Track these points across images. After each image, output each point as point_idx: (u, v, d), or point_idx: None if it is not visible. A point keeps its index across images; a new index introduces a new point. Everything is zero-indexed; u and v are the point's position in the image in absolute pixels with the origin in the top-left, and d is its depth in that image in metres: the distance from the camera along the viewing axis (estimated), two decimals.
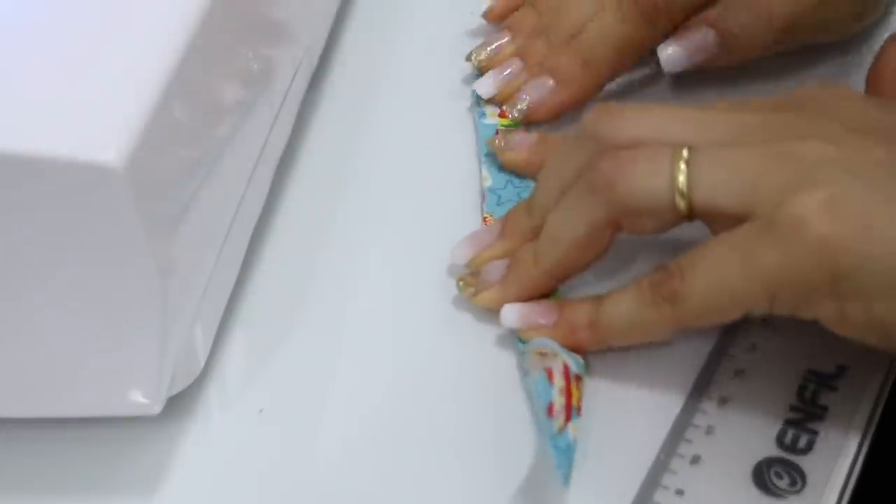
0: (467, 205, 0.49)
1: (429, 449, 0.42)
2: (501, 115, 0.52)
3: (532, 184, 0.48)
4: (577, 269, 0.43)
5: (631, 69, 0.51)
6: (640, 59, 0.51)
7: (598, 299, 0.43)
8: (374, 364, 0.45)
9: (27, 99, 0.37)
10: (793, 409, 0.42)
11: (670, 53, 0.50)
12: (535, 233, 0.44)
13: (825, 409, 0.42)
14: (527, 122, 0.51)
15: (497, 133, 0.50)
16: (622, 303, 0.42)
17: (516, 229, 0.45)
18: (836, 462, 0.41)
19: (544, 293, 0.44)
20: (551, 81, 0.50)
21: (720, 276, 0.39)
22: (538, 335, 0.43)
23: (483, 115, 0.52)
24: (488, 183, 0.49)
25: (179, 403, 0.43)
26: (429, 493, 0.41)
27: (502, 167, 0.50)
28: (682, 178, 0.40)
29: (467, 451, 0.42)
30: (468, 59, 0.53)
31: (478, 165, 0.51)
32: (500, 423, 0.42)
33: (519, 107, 0.51)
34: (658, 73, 0.51)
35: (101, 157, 0.35)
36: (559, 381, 0.41)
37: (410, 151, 0.52)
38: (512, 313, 0.44)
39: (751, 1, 0.49)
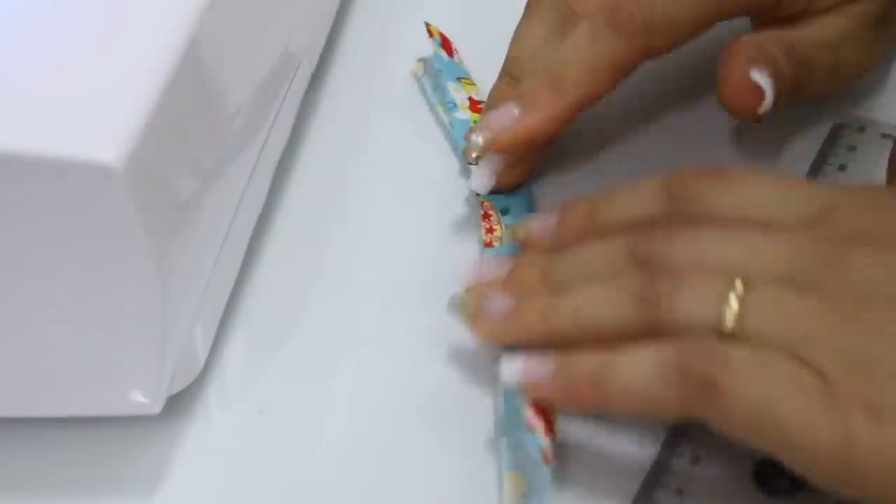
0: (470, 205, 0.49)
1: (429, 449, 0.42)
2: (472, 109, 0.50)
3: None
4: None
5: (610, 92, 0.46)
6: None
7: (609, 353, 0.38)
8: (375, 364, 0.45)
9: (27, 99, 0.37)
10: None
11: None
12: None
13: None
14: (492, 152, 0.46)
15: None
16: (637, 369, 0.37)
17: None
18: None
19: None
20: (516, 108, 0.45)
21: (768, 395, 0.36)
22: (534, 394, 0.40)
23: (454, 105, 0.51)
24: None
25: (179, 403, 0.43)
26: (428, 494, 0.41)
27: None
28: (730, 316, 0.37)
29: (467, 451, 0.42)
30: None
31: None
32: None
33: (478, 136, 0.46)
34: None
35: (101, 156, 0.35)
36: (538, 423, 0.40)
37: (410, 151, 0.52)
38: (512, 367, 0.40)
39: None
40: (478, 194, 0.48)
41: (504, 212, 0.48)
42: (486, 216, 0.48)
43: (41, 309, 0.38)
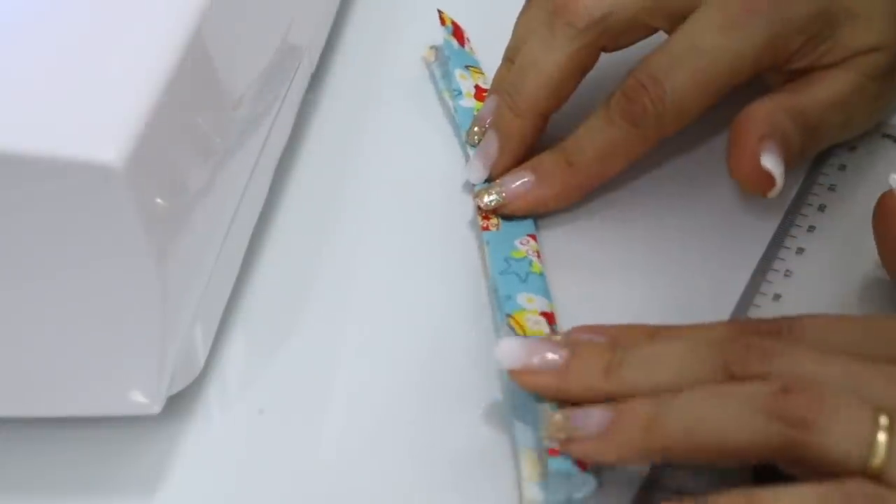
0: (468, 204, 0.49)
1: (429, 449, 0.42)
2: (478, 97, 0.52)
3: None
4: None
5: (623, 172, 0.48)
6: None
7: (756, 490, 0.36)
8: (374, 364, 0.45)
9: (27, 99, 0.37)
10: None
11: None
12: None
13: None
14: (502, 214, 0.48)
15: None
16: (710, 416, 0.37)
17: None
18: None
19: None
20: (532, 177, 0.48)
21: None
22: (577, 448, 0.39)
23: (459, 93, 0.52)
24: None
25: (179, 403, 0.43)
26: (428, 494, 0.41)
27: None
28: (881, 453, 0.36)
29: (467, 451, 0.42)
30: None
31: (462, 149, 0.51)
32: (500, 422, 0.42)
33: (493, 196, 0.48)
34: None
35: (101, 156, 0.35)
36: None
37: (410, 151, 0.52)
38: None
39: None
40: (473, 185, 0.49)
41: None
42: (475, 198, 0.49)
43: (41, 309, 0.38)
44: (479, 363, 0.44)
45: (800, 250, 0.47)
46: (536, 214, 0.49)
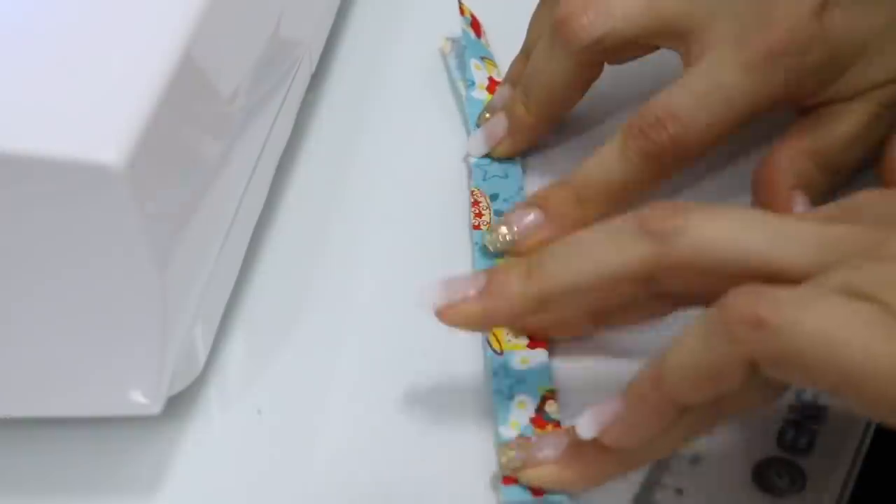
0: (468, 204, 0.49)
1: (427, 449, 0.42)
2: (490, 90, 0.52)
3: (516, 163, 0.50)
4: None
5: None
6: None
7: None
8: (374, 364, 0.45)
9: (28, 99, 0.37)
10: (793, 409, 0.42)
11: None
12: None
13: (825, 408, 0.42)
14: (509, 254, 0.47)
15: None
16: (685, 346, 0.36)
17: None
18: (835, 462, 0.41)
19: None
20: (541, 215, 0.47)
21: (820, 327, 0.34)
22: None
23: (473, 83, 0.53)
24: (474, 158, 0.51)
25: (179, 403, 0.43)
26: (428, 494, 0.41)
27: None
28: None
29: (466, 451, 0.42)
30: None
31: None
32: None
33: (504, 237, 0.47)
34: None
35: (101, 157, 0.35)
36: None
37: (410, 151, 0.52)
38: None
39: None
40: (471, 181, 0.49)
41: (493, 197, 0.49)
42: (475, 203, 0.49)
43: (41, 309, 0.38)
44: (479, 363, 0.44)
45: None
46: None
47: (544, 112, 0.50)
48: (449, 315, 0.41)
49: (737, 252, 0.37)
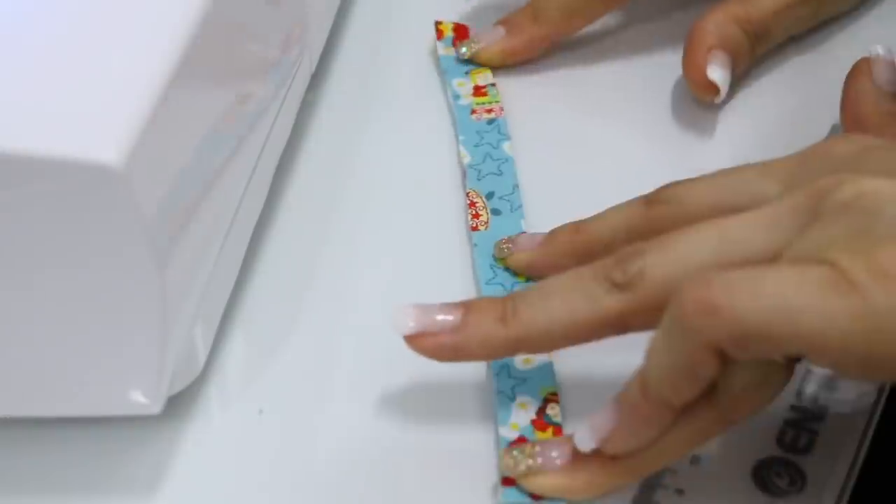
0: (467, 204, 0.49)
1: (428, 449, 0.42)
2: (475, 94, 0.53)
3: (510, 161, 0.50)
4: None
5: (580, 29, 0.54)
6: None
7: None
8: (374, 364, 0.45)
9: (28, 99, 0.37)
10: (793, 409, 0.42)
11: None
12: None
13: (825, 408, 0.42)
14: (475, 62, 0.54)
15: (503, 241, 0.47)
16: (655, 347, 0.37)
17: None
18: (835, 462, 0.41)
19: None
20: (503, 30, 0.54)
21: (774, 296, 0.35)
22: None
23: (458, 97, 0.53)
24: (467, 160, 0.51)
25: (179, 403, 0.43)
26: (428, 494, 0.41)
27: (479, 143, 0.51)
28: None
29: (466, 451, 0.42)
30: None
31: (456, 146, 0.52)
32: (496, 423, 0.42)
33: (469, 47, 0.54)
34: None
35: (101, 157, 0.35)
36: None
37: (410, 151, 0.52)
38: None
39: None
40: (466, 184, 0.50)
41: (489, 196, 0.49)
42: (471, 204, 0.49)
43: (41, 309, 0.38)
44: (480, 363, 0.44)
45: None
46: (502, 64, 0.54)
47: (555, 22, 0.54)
48: (419, 343, 0.41)
49: (692, 275, 0.36)
